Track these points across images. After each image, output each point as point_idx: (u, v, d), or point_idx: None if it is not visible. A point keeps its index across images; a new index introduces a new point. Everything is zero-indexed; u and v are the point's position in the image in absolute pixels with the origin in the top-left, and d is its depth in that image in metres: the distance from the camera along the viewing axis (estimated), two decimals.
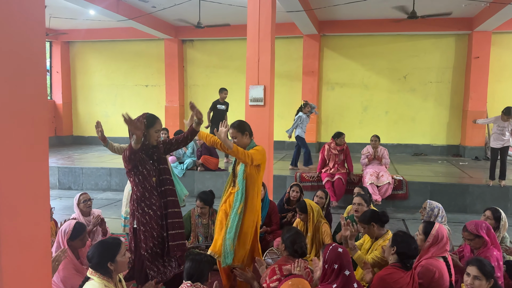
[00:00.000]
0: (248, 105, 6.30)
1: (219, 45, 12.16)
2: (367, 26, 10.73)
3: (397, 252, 3.00)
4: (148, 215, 3.36)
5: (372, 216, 3.68)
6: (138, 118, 3.20)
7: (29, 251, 2.04)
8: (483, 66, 10.34)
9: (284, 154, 10.93)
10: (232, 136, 3.64)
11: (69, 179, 8.63)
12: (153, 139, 3.43)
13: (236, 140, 3.61)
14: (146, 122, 3.32)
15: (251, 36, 6.23)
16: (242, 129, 3.63)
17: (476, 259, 2.82)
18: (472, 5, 8.89)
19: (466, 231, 3.51)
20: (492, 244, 3.44)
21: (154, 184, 3.41)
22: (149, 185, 3.38)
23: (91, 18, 10.37)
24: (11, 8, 1.91)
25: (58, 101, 12.95)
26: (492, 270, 2.71)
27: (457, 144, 11.11)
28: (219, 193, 3.98)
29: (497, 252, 3.42)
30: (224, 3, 8.92)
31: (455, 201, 7.08)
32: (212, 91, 12.28)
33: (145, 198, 3.37)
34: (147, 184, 3.38)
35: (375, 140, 7.38)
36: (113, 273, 2.65)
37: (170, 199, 3.49)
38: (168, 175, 3.52)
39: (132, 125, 3.08)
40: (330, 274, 2.71)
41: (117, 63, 12.86)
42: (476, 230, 3.43)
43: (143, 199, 3.37)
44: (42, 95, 2.10)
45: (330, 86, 11.61)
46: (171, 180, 3.56)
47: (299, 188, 5.32)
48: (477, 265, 2.70)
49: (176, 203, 3.55)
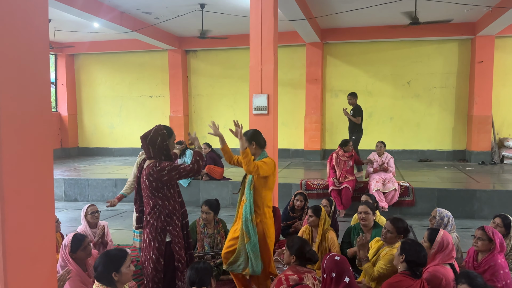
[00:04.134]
0: (252, 114, 6.31)
1: (222, 54, 12.23)
2: (369, 33, 10.75)
3: (406, 260, 2.97)
4: (178, 227, 3.44)
5: (406, 230, 3.65)
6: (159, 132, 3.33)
7: (35, 266, 2.04)
8: (487, 71, 10.31)
9: (289, 162, 10.91)
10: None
11: (75, 190, 8.65)
12: (173, 149, 3.48)
13: None
14: (167, 133, 3.37)
15: (254, 45, 6.26)
16: (249, 138, 3.64)
17: (466, 275, 2.71)
18: (474, 10, 8.89)
19: (482, 230, 3.51)
20: (499, 252, 3.42)
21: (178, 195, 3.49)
22: (177, 197, 3.46)
23: (95, 30, 10.48)
24: (15, 23, 1.93)
25: (63, 113, 13.05)
26: (483, 283, 2.65)
27: (463, 149, 11.04)
28: (225, 202, 3.99)
29: (502, 260, 3.39)
30: (227, 13, 8.99)
31: (462, 207, 7.01)
32: (216, 100, 12.37)
33: (176, 211, 3.41)
34: (176, 196, 3.45)
35: (380, 146, 7.35)
36: (117, 283, 2.65)
37: (185, 209, 3.58)
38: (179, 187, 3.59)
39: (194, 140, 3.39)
40: (329, 283, 2.69)
41: (122, 75, 12.96)
42: (492, 234, 3.44)
43: (174, 211, 3.39)
44: (46, 107, 2.12)
45: (333, 94, 11.61)
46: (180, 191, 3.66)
47: (303, 196, 5.30)
48: (467, 283, 2.62)
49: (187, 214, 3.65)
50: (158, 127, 3.36)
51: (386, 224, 3.67)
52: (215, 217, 4.71)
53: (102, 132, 13.20)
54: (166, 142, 3.34)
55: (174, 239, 3.37)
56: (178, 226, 3.42)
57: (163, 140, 3.33)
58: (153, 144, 3.32)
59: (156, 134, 3.33)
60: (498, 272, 3.34)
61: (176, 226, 3.39)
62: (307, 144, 11.48)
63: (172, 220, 3.37)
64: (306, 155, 11.48)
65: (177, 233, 3.40)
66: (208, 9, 8.68)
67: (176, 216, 3.40)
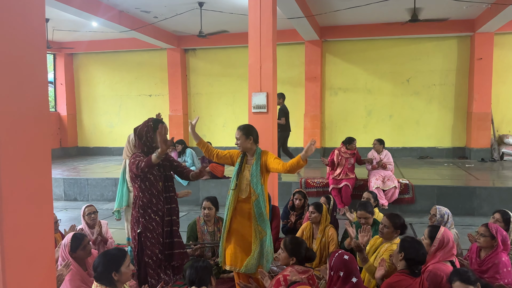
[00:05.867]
0: (251, 112, 6.30)
1: (221, 53, 12.21)
2: (368, 30, 10.73)
3: (405, 258, 2.97)
4: (154, 221, 3.36)
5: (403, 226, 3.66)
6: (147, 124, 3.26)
7: (33, 265, 2.03)
8: (487, 68, 10.30)
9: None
10: (236, 137, 3.65)
11: (75, 190, 8.64)
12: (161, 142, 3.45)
13: (239, 142, 3.63)
14: (153, 125, 3.36)
15: (253, 43, 6.25)
16: (247, 133, 3.63)
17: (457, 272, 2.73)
18: (473, 6, 8.87)
19: (485, 227, 3.50)
20: (502, 250, 3.41)
21: (160, 190, 3.42)
22: (156, 191, 3.39)
23: (93, 29, 10.46)
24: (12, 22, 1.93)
25: (62, 113, 13.03)
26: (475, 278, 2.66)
27: (462, 146, 11.04)
28: (224, 200, 3.95)
29: (506, 258, 3.40)
30: (226, 12, 8.97)
31: (462, 204, 7.01)
32: (215, 99, 12.35)
33: (152, 204, 3.37)
34: (154, 190, 3.38)
35: (375, 144, 7.34)
36: (117, 283, 2.64)
37: (174, 206, 3.51)
38: (171, 182, 3.54)
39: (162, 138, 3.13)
40: (336, 281, 2.68)
41: (121, 74, 12.94)
42: (495, 231, 3.44)
43: (149, 205, 3.36)
44: (43, 106, 2.11)
45: (333, 92, 11.60)
46: (174, 188, 3.59)
47: (302, 194, 5.30)
48: (459, 279, 2.63)
49: (178, 211, 3.58)
50: (148, 119, 3.40)
51: (383, 219, 3.69)
52: (216, 214, 4.71)
53: (102, 131, 13.18)
54: (149, 134, 3.33)
55: (146, 232, 3.34)
56: (155, 220, 3.36)
57: (147, 132, 3.35)
58: (139, 136, 3.36)
59: (143, 126, 3.38)
60: (501, 270, 3.34)
61: (150, 219, 3.34)
62: (306, 142, 11.36)
63: (145, 213, 3.35)
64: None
65: (152, 227, 3.34)
66: (207, 7, 8.67)
67: (152, 210, 3.35)
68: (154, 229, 3.36)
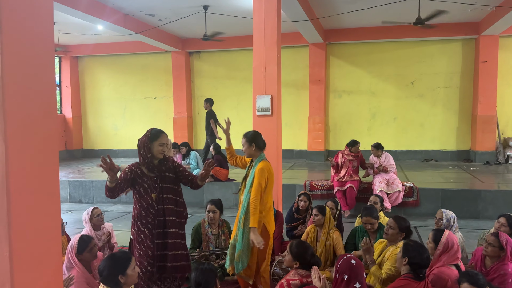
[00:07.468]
0: (256, 115, 6.31)
1: (225, 56, 12.25)
2: (372, 33, 10.73)
3: (409, 263, 2.96)
4: (143, 234, 3.31)
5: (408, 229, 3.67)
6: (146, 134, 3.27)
7: (41, 268, 2.05)
8: (491, 70, 10.26)
9: (292, 163, 10.91)
10: (242, 143, 3.72)
11: (80, 192, 8.69)
12: (157, 152, 3.36)
13: (244, 149, 3.70)
14: (151, 136, 3.34)
15: (257, 46, 6.27)
16: (249, 140, 3.68)
17: (467, 274, 2.70)
18: (478, 9, 8.85)
19: (495, 237, 3.42)
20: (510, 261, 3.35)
21: (152, 202, 3.32)
22: (146, 203, 3.31)
23: (99, 33, 10.52)
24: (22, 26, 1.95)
25: (68, 115, 13.11)
26: (484, 281, 2.63)
27: (467, 149, 11.00)
28: (228, 203, 3.98)
29: None
30: (230, 15, 9.00)
31: (467, 207, 6.98)
32: (219, 102, 12.33)
33: (141, 217, 3.32)
34: (144, 203, 3.32)
35: (372, 150, 7.31)
36: (124, 286, 2.66)
37: (170, 218, 3.36)
38: (170, 195, 3.42)
39: (106, 166, 3.12)
40: (340, 284, 2.69)
41: (125, 77, 13.01)
42: (505, 242, 3.36)
43: (139, 217, 3.33)
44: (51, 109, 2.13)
45: (337, 94, 11.60)
46: (175, 200, 3.45)
47: (307, 197, 5.30)
48: (468, 281, 2.61)
49: (178, 223, 3.44)
50: (148, 129, 3.40)
51: (389, 221, 3.71)
52: (220, 217, 4.72)
53: (106, 133, 13.24)
54: (146, 144, 3.32)
55: (135, 243, 3.34)
56: (144, 232, 3.30)
57: (143, 142, 3.33)
58: (138, 147, 3.37)
59: (143, 136, 3.38)
60: (507, 281, 3.29)
61: (139, 231, 3.31)
62: (310, 145, 11.48)
63: (135, 224, 3.35)
64: (309, 156, 11.47)
65: (140, 239, 3.30)
66: (211, 10, 8.71)
67: (141, 222, 3.31)
68: (142, 241, 3.31)
